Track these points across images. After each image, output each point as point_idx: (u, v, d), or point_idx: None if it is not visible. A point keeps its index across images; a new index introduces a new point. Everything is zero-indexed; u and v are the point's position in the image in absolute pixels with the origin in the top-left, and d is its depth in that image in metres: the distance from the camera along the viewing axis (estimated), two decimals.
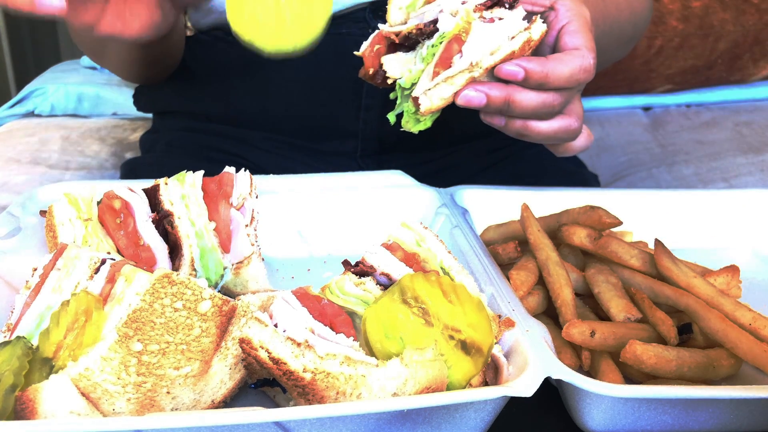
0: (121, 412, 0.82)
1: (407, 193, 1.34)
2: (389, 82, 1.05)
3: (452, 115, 1.07)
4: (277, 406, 0.91)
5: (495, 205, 1.32)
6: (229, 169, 1.16)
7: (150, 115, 1.87)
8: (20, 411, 0.78)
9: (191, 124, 1.65)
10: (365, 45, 1.07)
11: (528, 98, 1.01)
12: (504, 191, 1.35)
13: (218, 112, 1.61)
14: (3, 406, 0.78)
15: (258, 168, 1.56)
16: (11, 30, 4.00)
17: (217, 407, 0.90)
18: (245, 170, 1.16)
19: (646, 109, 2.53)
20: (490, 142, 1.65)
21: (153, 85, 1.72)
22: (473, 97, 1.00)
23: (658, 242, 1.09)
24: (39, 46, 4.22)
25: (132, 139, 2.15)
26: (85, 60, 2.64)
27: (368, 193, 1.33)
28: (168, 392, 0.85)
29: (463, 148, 1.63)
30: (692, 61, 2.43)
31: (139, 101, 1.76)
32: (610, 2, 1.42)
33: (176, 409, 0.86)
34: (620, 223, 1.16)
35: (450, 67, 1.00)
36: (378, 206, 1.31)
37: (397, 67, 1.04)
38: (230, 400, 0.92)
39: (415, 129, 1.07)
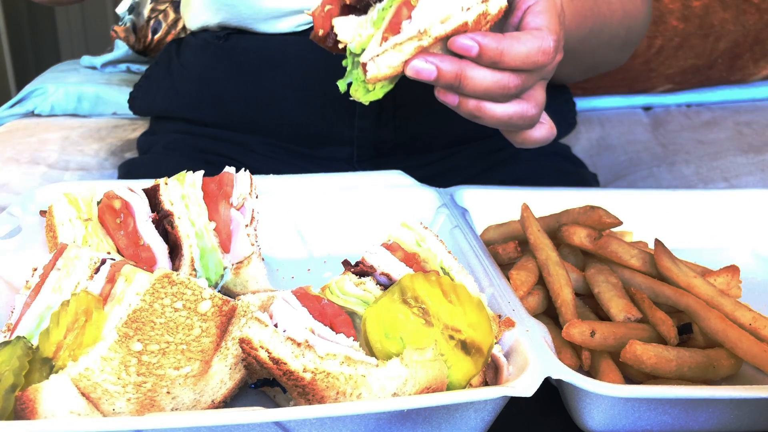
0: (121, 412, 0.82)
1: (407, 193, 1.34)
2: (340, 46, 1.00)
3: (448, 117, 1.05)
4: (277, 406, 0.91)
5: (495, 205, 1.32)
6: (229, 169, 1.16)
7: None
8: (20, 411, 0.78)
9: (187, 128, 1.64)
10: (316, 4, 1.02)
11: (481, 76, 0.97)
12: (504, 191, 1.35)
13: (213, 118, 1.60)
14: (3, 406, 0.78)
15: (255, 172, 1.57)
16: (11, 30, 4.00)
17: (217, 407, 0.90)
18: (245, 170, 1.16)
19: (647, 108, 2.53)
20: (487, 145, 1.64)
21: (147, 89, 1.72)
22: (423, 69, 0.95)
23: (658, 242, 1.09)
24: (39, 46, 4.22)
25: (132, 139, 2.15)
26: (85, 60, 2.64)
27: (368, 193, 1.33)
28: (168, 392, 0.85)
29: (460, 152, 1.62)
30: (692, 60, 2.43)
31: (134, 105, 1.76)
32: (602, 2, 1.41)
33: (176, 409, 0.86)
34: (620, 223, 1.16)
35: (399, 32, 0.94)
36: (378, 206, 1.31)
37: (348, 31, 0.98)
38: (230, 400, 0.92)
39: (365, 99, 1.01)
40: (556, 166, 1.65)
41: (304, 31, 1.52)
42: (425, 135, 1.57)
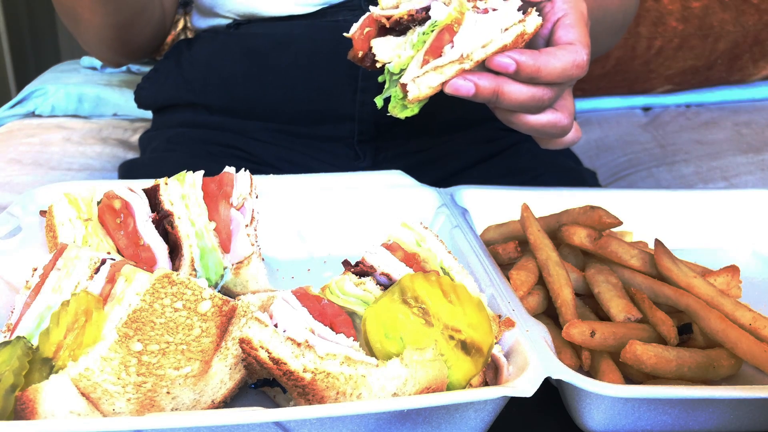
0: (121, 412, 0.82)
1: (407, 193, 1.34)
2: (378, 65, 1.04)
3: (448, 100, 1.06)
4: (277, 406, 0.91)
5: (495, 205, 1.32)
6: (229, 169, 1.16)
7: (150, 115, 1.87)
8: (20, 411, 0.78)
9: (190, 119, 1.66)
10: (355, 27, 1.06)
11: (517, 91, 1.01)
12: (504, 191, 1.35)
13: (219, 101, 1.62)
14: (3, 406, 0.78)
15: (256, 159, 1.58)
16: (11, 30, 4.00)
17: (217, 407, 0.90)
18: (245, 170, 1.16)
19: (646, 109, 2.54)
20: (487, 131, 1.65)
21: (155, 81, 1.73)
22: (461, 86, 1.00)
23: (658, 242, 1.09)
24: (39, 46, 4.22)
25: (133, 141, 2.15)
26: (86, 60, 2.64)
27: (368, 193, 1.33)
28: (168, 392, 0.85)
29: (460, 137, 1.64)
30: (692, 61, 2.43)
31: (140, 96, 1.77)
32: None
33: (176, 409, 0.86)
34: (620, 223, 1.16)
35: (440, 56, 0.99)
36: (378, 206, 1.31)
37: (386, 51, 1.03)
38: (230, 400, 0.92)
39: (401, 115, 1.06)
40: (554, 161, 1.66)
41: (310, 14, 1.55)
42: (425, 114, 1.58)
